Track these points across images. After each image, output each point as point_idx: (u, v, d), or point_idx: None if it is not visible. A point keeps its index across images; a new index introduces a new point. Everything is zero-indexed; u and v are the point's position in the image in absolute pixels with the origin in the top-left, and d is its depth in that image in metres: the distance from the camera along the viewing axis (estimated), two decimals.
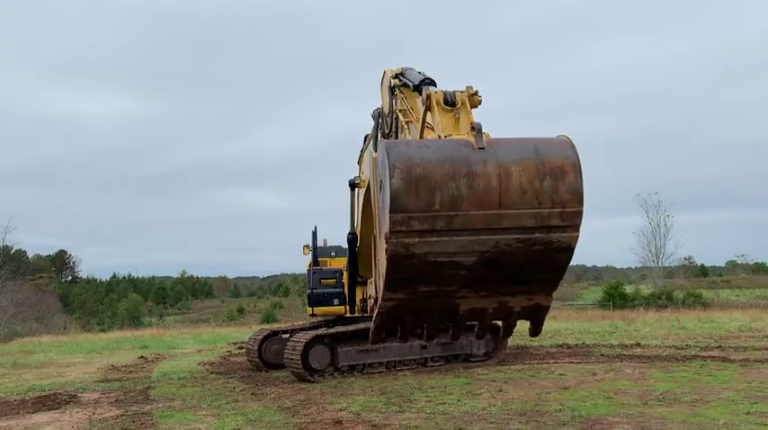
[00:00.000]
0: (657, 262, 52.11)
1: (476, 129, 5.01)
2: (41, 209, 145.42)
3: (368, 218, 8.52)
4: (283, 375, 13.49)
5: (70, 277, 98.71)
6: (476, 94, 5.89)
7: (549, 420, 8.39)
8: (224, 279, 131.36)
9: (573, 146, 5.01)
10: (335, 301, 14.07)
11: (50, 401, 11.40)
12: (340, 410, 9.57)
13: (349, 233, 13.98)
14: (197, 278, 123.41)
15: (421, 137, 6.26)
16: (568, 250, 5.05)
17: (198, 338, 27.15)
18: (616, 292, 45.15)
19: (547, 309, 5.57)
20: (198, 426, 8.86)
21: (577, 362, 13.96)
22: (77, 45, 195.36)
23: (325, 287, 14.34)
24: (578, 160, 4.96)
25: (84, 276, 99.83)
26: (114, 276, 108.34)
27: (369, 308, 6.45)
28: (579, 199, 4.92)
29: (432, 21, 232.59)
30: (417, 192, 4.72)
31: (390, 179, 4.68)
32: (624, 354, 15.09)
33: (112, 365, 17.32)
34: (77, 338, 31.31)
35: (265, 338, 14.91)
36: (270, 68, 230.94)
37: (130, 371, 15.99)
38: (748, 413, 8.42)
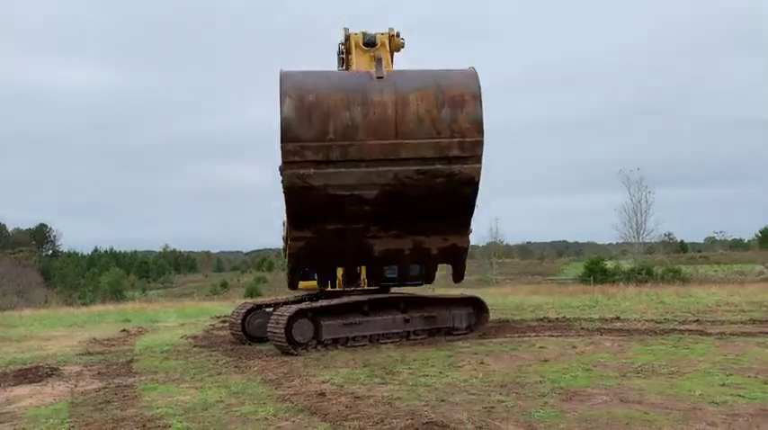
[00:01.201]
0: (638, 238, 52.76)
1: (377, 59, 4.87)
2: (21, 182, 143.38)
3: None
4: (266, 348, 13.52)
5: (51, 251, 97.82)
6: (397, 35, 5.75)
7: (530, 392, 8.50)
8: (207, 253, 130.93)
9: (476, 76, 4.82)
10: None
11: (32, 374, 11.34)
12: (323, 382, 9.63)
13: None
14: (180, 252, 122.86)
15: None
16: (472, 183, 4.92)
17: (181, 312, 27.14)
18: (597, 267, 45.71)
19: (465, 250, 5.46)
20: (181, 399, 8.87)
21: (558, 336, 14.14)
22: (58, 16, 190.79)
23: None
24: (479, 90, 4.79)
25: (65, 250, 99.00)
26: (96, 250, 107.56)
27: (282, 251, 6.27)
28: (479, 128, 4.77)
29: None
30: (310, 121, 4.56)
31: (282, 107, 4.52)
32: (604, 328, 15.30)
33: (94, 338, 17.26)
34: (59, 312, 31.14)
35: (249, 312, 14.90)
36: (254, 41, 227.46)
37: (113, 345, 15.95)
38: (723, 384, 8.59)
